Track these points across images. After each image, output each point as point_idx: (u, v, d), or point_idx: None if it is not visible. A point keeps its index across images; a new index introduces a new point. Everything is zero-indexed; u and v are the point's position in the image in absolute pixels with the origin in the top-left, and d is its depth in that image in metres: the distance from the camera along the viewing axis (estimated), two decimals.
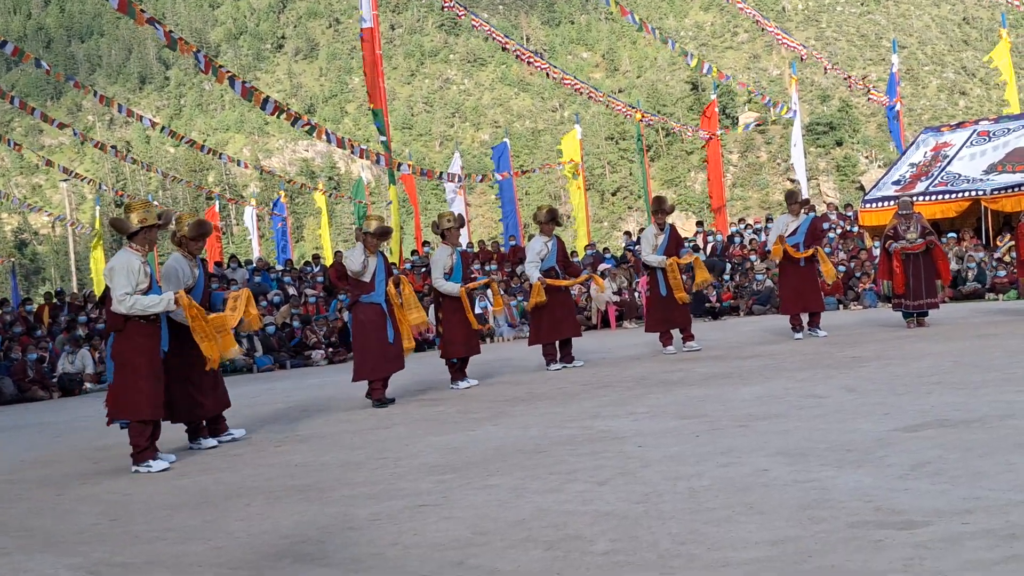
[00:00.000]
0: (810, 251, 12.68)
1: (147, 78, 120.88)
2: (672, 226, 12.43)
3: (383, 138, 21.16)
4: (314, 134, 20.72)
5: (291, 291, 20.78)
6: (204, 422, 7.84)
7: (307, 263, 26.76)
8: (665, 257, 12.03)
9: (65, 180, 51.48)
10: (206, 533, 4.80)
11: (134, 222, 7.06)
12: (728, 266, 21.71)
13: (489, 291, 15.76)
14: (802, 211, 12.97)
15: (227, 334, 7.37)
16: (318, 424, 8.69)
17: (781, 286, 13.26)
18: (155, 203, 8.79)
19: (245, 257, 31.59)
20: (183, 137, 29.82)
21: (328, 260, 27.80)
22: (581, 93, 30.34)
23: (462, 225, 10.95)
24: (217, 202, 43.69)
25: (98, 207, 36.85)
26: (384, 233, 9.88)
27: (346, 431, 8.07)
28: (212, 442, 7.79)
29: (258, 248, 38.07)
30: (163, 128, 29.45)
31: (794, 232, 12.76)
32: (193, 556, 4.39)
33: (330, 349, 17.97)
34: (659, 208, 12.29)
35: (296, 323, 18.26)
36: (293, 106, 39.56)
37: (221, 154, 33.42)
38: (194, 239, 7.77)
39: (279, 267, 25.09)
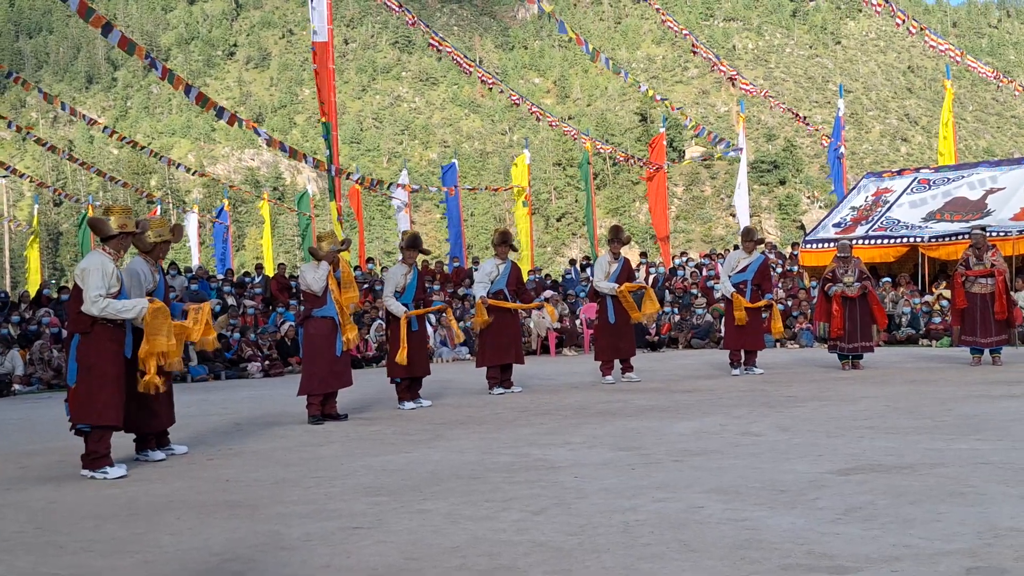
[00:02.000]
0: (763, 303, 12.88)
1: (94, 78, 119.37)
2: (626, 258, 12.54)
3: (328, 151, 21.02)
4: (271, 145, 20.52)
5: (230, 301, 20.53)
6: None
7: (247, 273, 26.51)
8: (617, 285, 12.12)
9: (4, 176, 50.51)
10: (135, 546, 4.71)
11: (114, 226, 6.93)
12: (667, 297, 21.88)
13: (444, 317, 15.77)
14: (755, 250, 13.16)
15: (179, 345, 7.22)
16: (252, 439, 8.57)
17: (726, 322, 13.40)
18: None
19: (184, 264, 31.17)
20: (126, 139, 29.41)
21: (270, 271, 27.57)
22: (538, 118, 30.49)
23: (413, 245, 10.86)
24: (159, 207, 43.13)
25: (36, 205, 36.17)
26: (341, 247, 9.88)
27: (281, 447, 7.97)
28: (160, 455, 7.64)
29: (197, 255, 37.60)
30: (105, 128, 29.01)
31: (744, 270, 12.92)
32: (121, 570, 4.30)
33: (267, 362, 17.78)
34: (615, 238, 12.39)
35: (236, 334, 18.04)
36: (242, 114, 39.18)
37: (163, 157, 33.01)
38: (165, 243, 7.69)
39: (219, 276, 24.78)
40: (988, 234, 18.13)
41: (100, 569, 4.34)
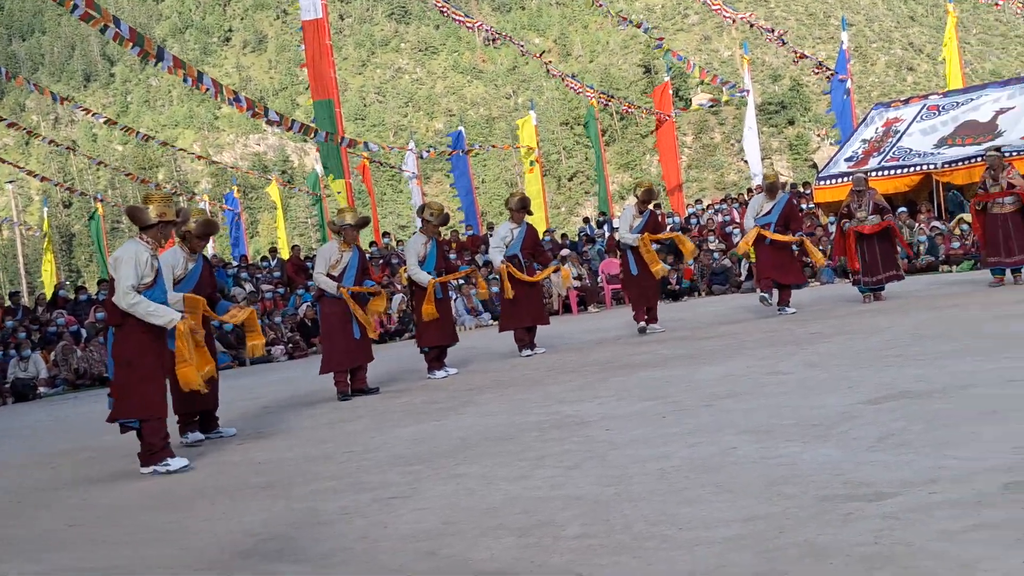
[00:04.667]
0: (792, 239, 12.77)
1: (92, 75, 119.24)
2: (652, 210, 12.48)
3: (322, 133, 20.89)
4: (283, 126, 20.41)
5: (248, 287, 20.59)
6: (197, 417, 7.78)
7: (263, 258, 26.56)
8: (639, 235, 12.09)
9: (11, 181, 50.67)
10: (171, 535, 4.73)
11: (152, 215, 6.70)
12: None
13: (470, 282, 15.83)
14: (779, 192, 13.06)
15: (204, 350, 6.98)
16: (281, 420, 8.61)
17: (759, 264, 13.22)
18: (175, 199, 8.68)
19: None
20: (135, 132, 29.35)
21: (285, 254, 27.61)
22: (548, 72, 30.25)
23: (445, 222, 10.96)
24: (171, 196, 43.13)
25: (45, 208, 36.29)
26: (362, 223, 9.85)
27: (310, 426, 8.00)
28: (199, 436, 7.70)
29: (212, 244, 37.68)
30: (107, 121, 28.92)
31: (768, 212, 12.81)
32: (159, 559, 4.32)
33: (290, 344, 17.84)
34: (648, 199, 12.37)
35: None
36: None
37: (171, 146, 32.96)
38: (199, 237, 7.69)
39: (234, 263, 24.83)
40: (1002, 155, 17.95)
41: (138, 560, 4.36)
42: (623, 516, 3.95)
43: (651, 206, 12.52)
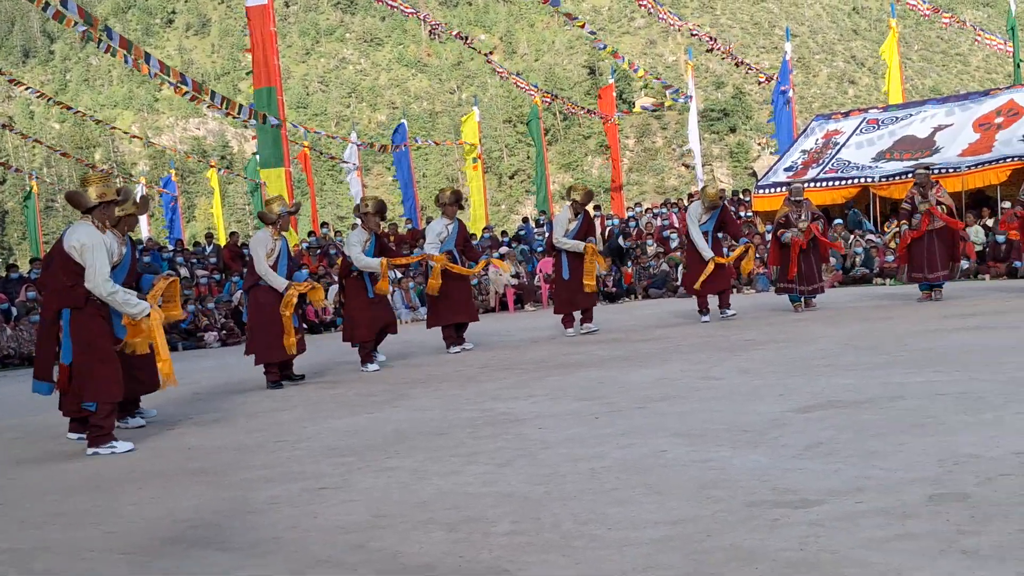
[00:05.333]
0: (740, 249, 13.01)
1: (31, 52, 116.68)
2: (587, 212, 12.52)
3: (274, 120, 20.68)
4: (250, 116, 20.15)
5: (183, 272, 20.30)
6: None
7: (197, 243, 26.21)
8: (581, 242, 12.13)
9: None
10: (98, 517, 4.65)
11: (92, 196, 6.59)
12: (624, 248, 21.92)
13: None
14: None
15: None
16: (213, 407, 8.51)
17: (690, 271, 13.31)
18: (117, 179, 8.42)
19: (134, 236, 30.72)
20: (73, 110, 28.75)
21: (221, 240, 27.28)
22: (494, 69, 30.26)
23: (382, 211, 10.86)
24: (109, 175, 42.38)
25: None
26: (291, 212, 9.85)
27: (242, 413, 7.92)
28: (140, 421, 7.57)
29: (147, 227, 37.08)
30: (40, 95, 28.29)
31: (706, 221, 12.94)
32: (85, 541, 4.25)
33: (223, 331, 17.63)
34: (587, 202, 12.47)
35: (190, 304, 17.84)
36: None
37: (109, 125, 32.36)
38: (130, 216, 7.51)
39: (170, 247, 24.46)
40: (938, 171, 18.35)
41: (63, 542, 4.28)
42: (553, 514, 3.96)
43: (591, 208, 12.57)
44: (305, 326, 16.75)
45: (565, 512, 3.98)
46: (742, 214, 23.30)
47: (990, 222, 18.21)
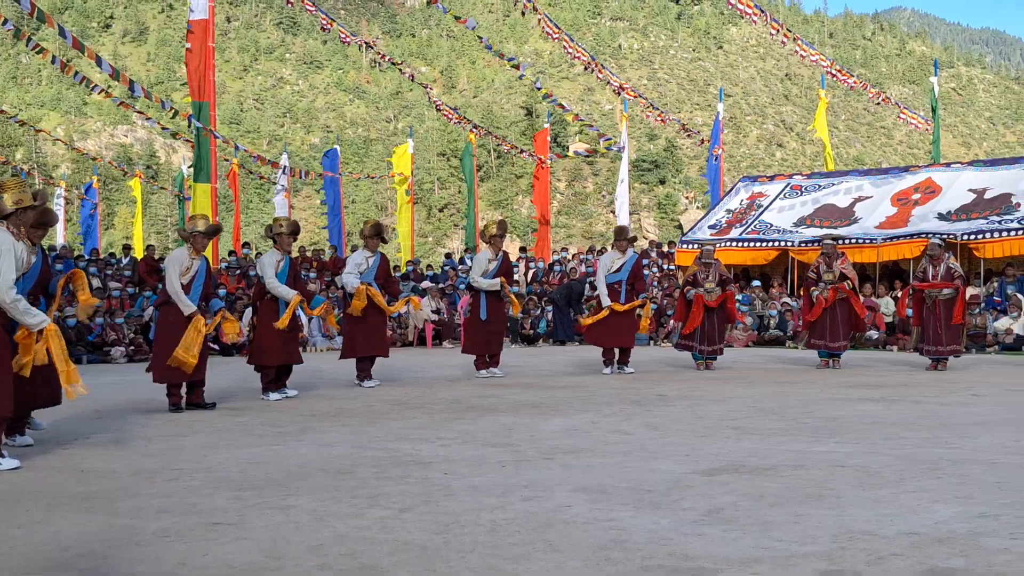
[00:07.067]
0: (638, 302, 12.98)
1: None
2: (506, 253, 12.57)
3: (219, 136, 20.48)
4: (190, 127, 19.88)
5: (95, 283, 19.83)
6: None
7: (112, 254, 25.70)
8: (496, 280, 12.16)
9: None
10: None
11: (8, 203, 6.38)
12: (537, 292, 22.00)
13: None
14: (629, 248, 13.23)
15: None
16: (112, 427, 8.28)
17: (596, 333, 13.27)
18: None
19: (48, 242, 30.00)
20: None
21: (139, 252, 26.77)
22: (431, 102, 30.33)
23: (295, 231, 10.67)
24: (24, 181, 41.42)
25: None
26: (213, 232, 9.62)
27: (142, 436, 7.72)
28: (29, 440, 7.29)
29: (63, 233, 36.27)
30: None
31: (618, 270, 13.00)
32: None
33: (131, 347, 17.25)
34: (503, 231, 12.54)
35: (99, 317, 17.43)
36: (116, 89, 37.96)
37: (30, 126, 31.70)
38: (36, 227, 7.24)
39: (85, 256, 23.94)
40: (855, 241, 18.82)
41: None
42: (449, 567, 3.91)
43: (514, 250, 12.62)
44: (217, 347, 16.51)
45: (462, 565, 3.93)
46: (664, 266, 23.58)
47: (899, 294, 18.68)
